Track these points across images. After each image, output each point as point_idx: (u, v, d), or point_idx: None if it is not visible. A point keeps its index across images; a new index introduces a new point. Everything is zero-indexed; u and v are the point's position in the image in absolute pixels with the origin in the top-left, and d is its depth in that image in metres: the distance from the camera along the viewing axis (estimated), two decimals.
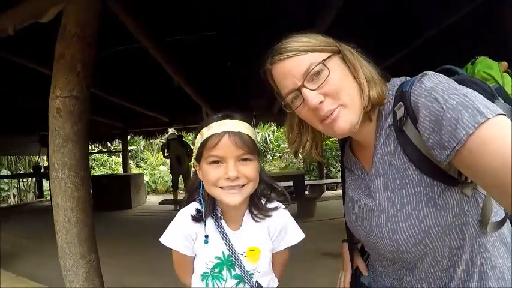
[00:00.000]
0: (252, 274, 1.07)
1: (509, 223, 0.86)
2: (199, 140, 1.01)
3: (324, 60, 0.80)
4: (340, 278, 1.20)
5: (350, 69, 0.83)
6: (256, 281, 1.07)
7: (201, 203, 1.05)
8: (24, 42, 3.09)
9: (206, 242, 1.03)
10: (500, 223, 0.79)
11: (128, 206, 8.33)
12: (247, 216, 1.09)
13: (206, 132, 0.98)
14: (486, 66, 0.87)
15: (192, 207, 1.07)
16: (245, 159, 0.98)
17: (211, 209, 1.05)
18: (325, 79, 0.80)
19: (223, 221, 1.07)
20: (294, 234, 1.14)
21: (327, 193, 9.21)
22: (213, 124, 0.98)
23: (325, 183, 9.55)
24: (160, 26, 3.43)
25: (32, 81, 4.35)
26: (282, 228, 1.12)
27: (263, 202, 1.11)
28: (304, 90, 0.82)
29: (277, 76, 0.88)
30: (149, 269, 3.76)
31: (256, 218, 1.08)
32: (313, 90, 0.80)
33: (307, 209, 6.28)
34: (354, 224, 1.01)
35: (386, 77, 0.88)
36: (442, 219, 0.75)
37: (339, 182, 9.80)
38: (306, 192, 8.00)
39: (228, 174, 0.94)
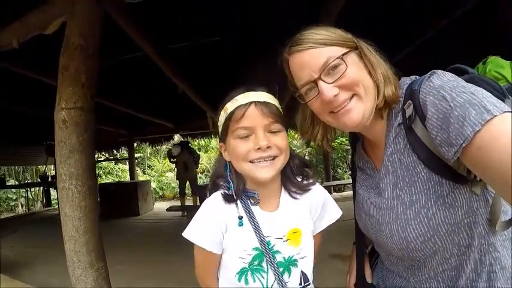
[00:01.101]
0: (296, 261, 0.98)
1: None
2: (223, 115, 0.97)
3: (343, 55, 0.80)
4: (347, 280, 1.20)
5: (367, 66, 0.83)
6: (302, 271, 1.00)
7: (229, 185, 0.97)
8: (29, 54, 3.13)
9: (241, 224, 0.95)
10: (510, 222, 0.79)
11: (135, 213, 8.36)
12: (284, 195, 1.01)
13: (230, 106, 0.94)
14: (497, 66, 0.87)
15: (218, 194, 0.99)
16: (274, 131, 0.93)
17: (241, 190, 0.97)
18: (342, 73, 0.80)
19: (254, 206, 0.98)
20: (334, 211, 1.08)
21: (334, 195, 9.14)
22: (237, 97, 0.94)
23: (332, 185, 9.52)
24: (162, 33, 3.46)
25: (38, 92, 4.40)
26: (323, 204, 1.05)
27: (299, 179, 1.04)
28: (320, 83, 0.81)
29: (294, 66, 0.88)
30: (158, 275, 3.77)
31: (294, 195, 1.01)
32: (330, 83, 0.80)
33: None
34: (364, 223, 1.01)
35: (398, 75, 0.88)
36: (451, 217, 0.76)
37: (346, 184, 9.81)
38: None
39: (258, 144, 0.89)
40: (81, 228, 1.95)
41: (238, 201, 0.97)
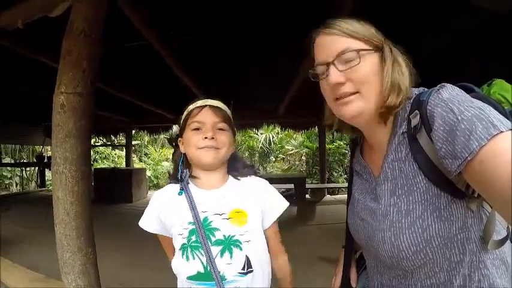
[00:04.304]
0: (239, 242, 1.04)
1: (511, 243, 0.86)
2: (185, 114, 1.19)
3: (360, 50, 0.82)
4: (332, 282, 1.20)
5: (383, 69, 0.84)
6: (247, 256, 1.04)
7: (178, 171, 1.16)
8: (33, 35, 3.12)
9: (180, 193, 1.11)
10: (501, 242, 0.80)
11: (129, 200, 8.37)
12: (229, 179, 1.18)
13: (191, 106, 1.18)
14: (502, 89, 0.86)
15: (166, 186, 1.20)
16: (221, 129, 1.13)
17: (186, 175, 1.14)
18: (353, 67, 0.82)
19: (191, 184, 1.15)
20: (280, 201, 1.21)
21: (328, 197, 9.18)
22: (198, 101, 1.19)
23: (327, 187, 9.53)
24: (167, 22, 3.45)
25: (39, 73, 4.38)
26: (265, 191, 1.19)
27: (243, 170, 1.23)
28: (331, 67, 0.83)
29: (317, 46, 0.90)
30: (146, 263, 3.78)
31: (238, 177, 1.19)
32: (340, 71, 0.83)
33: (307, 212, 6.27)
34: (356, 227, 1.01)
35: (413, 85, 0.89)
36: (445, 231, 0.76)
37: (341, 187, 9.82)
38: (307, 196, 7.98)
39: (206, 134, 1.09)
40: (72, 212, 1.97)
41: (181, 183, 1.13)
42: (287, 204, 1.21)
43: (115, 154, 14.58)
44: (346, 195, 1.17)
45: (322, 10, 2.69)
